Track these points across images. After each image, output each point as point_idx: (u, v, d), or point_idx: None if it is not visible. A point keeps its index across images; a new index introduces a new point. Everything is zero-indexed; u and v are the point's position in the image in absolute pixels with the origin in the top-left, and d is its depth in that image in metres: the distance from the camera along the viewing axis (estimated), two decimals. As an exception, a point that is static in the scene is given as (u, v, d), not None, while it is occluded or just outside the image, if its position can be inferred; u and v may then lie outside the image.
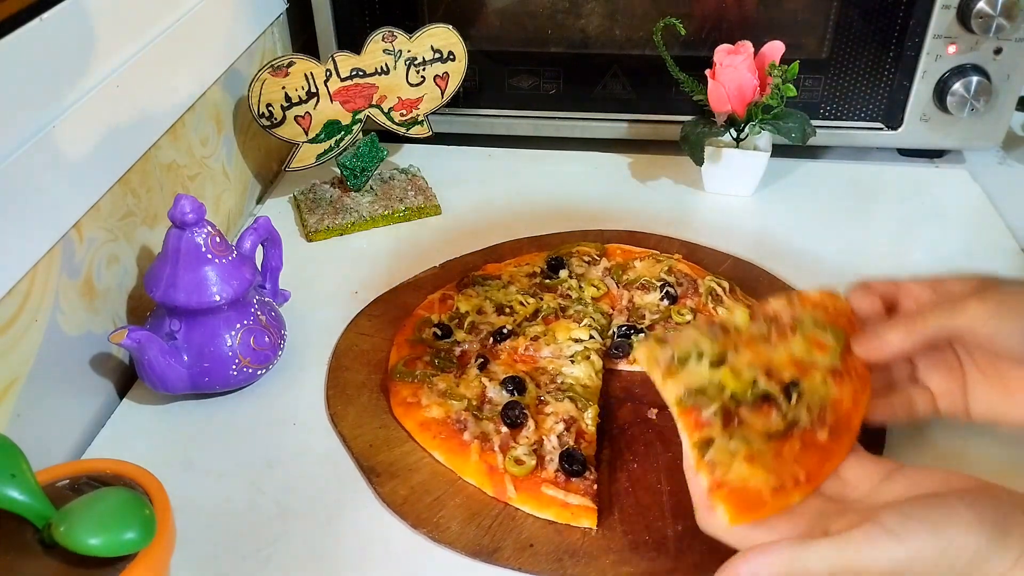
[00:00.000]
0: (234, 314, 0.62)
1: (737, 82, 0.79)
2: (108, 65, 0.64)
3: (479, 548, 0.52)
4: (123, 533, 0.42)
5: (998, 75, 0.84)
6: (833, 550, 0.41)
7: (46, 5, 0.57)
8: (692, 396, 0.48)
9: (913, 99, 0.87)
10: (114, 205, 0.65)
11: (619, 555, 0.52)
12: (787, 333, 0.52)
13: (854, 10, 0.84)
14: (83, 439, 0.62)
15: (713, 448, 0.47)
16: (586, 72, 0.91)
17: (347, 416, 0.62)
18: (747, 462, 0.46)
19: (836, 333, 0.53)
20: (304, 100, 0.80)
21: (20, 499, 0.42)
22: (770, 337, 0.52)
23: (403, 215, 0.85)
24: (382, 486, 0.57)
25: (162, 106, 0.71)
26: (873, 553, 0.40)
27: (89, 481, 0.47)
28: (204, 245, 0.60)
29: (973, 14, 0.80)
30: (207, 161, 0.80)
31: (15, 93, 0.54)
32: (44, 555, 0.43)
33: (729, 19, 0.87)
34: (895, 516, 0.41)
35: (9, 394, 0.55)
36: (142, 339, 0.59)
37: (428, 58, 0.82)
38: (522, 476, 0.55)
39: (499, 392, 0.61)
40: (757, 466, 0.46)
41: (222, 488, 0.58)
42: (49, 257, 0.58)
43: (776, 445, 0.47)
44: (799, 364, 0.51)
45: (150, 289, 0.61)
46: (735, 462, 0.46)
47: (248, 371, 0.63)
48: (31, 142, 0.55)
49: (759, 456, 0.46)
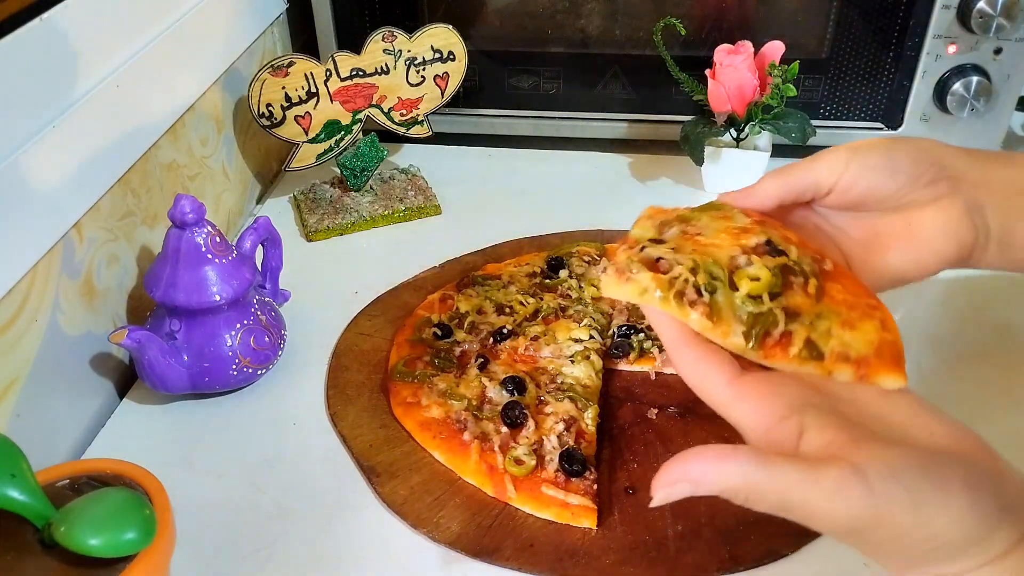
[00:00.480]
0: (234, 314, 0.62)
1: (737, 82, 0.79)
2: (108, 65, 0.64)
3: (479, 548, 0.52)
4: (123, 533, 0.42)
5: (998, 75, 0.84)
6: (795, 482, 0.35)
7: (46, 5, 0.57)
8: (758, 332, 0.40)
9: (913, 99, 0.87)
10: (114, 205, 0.65)
11: (619, 555, 0.52)
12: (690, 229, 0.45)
13: (854, 10, 0.84)
14: (83, 439, 0.62)
15: (825, 341, 0.40)
16: (586, 72, 0.91)
17: (347, 416, 0.62)
18: (847, 328, 0.40)
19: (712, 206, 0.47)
20: (304, 100, 0.80)
21: (20, 499, 0.42)
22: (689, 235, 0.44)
23: (403, 215, 0.85)
24: (382, 486, 0.57)
25: (162, 106, 0.71)
26: (839, 504, 0.35)
27: (89, 481, 0.47)
28: (204, 245, 0.60)
29: (973, 14, 0.80)
30: (207, 161, 0.80)
31: (15, 93, 0.54)
32: (44, 555, 0.43)
33: (729, 19, 0.87)
34: (881, 473, 0.35)
35: (9, 394, 0.55)
36: (142, 339, 0.59)
37: (428, 58, 0.82)
38: (522, 476, 0.55)
39: (499, 392, 0.61)
40: (856, 326, 0.40)
41: (222, 488, 0.58)
42: (49, 257, 0.58)
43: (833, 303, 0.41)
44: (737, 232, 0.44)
45: (150, 289, 0.61)
46: (839, 337, 0.40)
47: (248, 371, 0.63)
48: (31, 142, 0.55)
49: (846, 318, 0.41)
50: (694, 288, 0.40)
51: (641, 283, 0.40)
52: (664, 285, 0.40)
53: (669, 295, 0.40)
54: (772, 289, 0.41)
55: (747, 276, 0.41)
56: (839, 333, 0.40)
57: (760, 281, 0.41)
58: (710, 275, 0.41)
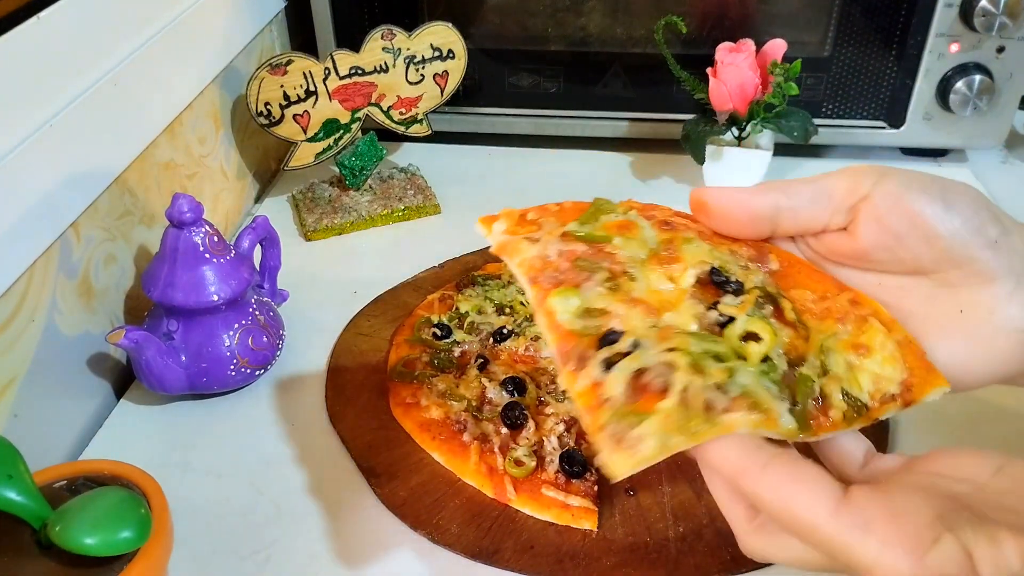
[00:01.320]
0: (232, 314, 0.62)
1: (739, 80, 0.79)
2: (105, 63, 0.63)
3: (479, 550, 0.52)
4: (119, 532, 0.42)
5: (1001, 74, 0.83)
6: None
7: (44, 3, 0.57)
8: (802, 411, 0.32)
9: (916, 98, 0.87)
10: (111, 204, 0.65)
11: (620, 557, 0.51)
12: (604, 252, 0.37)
13: (856, 8, 0.84)
14: (80, 439, 0.62)
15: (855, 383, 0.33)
16: (587, 70, 0.91)
17: (346, 416, 0.62)
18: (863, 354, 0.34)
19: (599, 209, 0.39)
20: (303, 99, 0.80)
21: (17, 500, 0.42)
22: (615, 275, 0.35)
23: (402, 214, 0.85)
24: (381, 487, 0.56)
25: (160, 104, 0.71)
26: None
27: (86, 482, 0.47)
28: (202, 244, 0.60)
29: (976, 12, 0.79)
30: (205, 160, 0.79)
31: (12, 91, 0.54)
32: (41, 555, 0.42)
33: (731, 17, 0.86)
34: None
35: (6, 394, 0.55)
36: (140, 339, 0.59)
37: (427, 56, 0.82)
38: (522, 477, 0.55)
39: (499, 393, 0.61)
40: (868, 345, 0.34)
41: (221, 488, 0.57)
42: (46, 256, 0.57)
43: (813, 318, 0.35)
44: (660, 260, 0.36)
45: (148, 289, 0.61)
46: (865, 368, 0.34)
47: (246, 371, 0.63)
48: (28, 140, 0.55)
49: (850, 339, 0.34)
50: (716, 389, 0.30)
51: (653, 442, 0.29)
52: (680, 421, 0.30)
53: (697, 426, 0.30)
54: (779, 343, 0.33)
55: (737, 337, 0.33)
56: (862, 365, 0.33)
57: (765, 340, 0.32)
58: (714, 357, 0.31)
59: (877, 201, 0.34)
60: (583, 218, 0.37)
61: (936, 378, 0.34)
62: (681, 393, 0.30)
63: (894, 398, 0.33)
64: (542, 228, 0.37)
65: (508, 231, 0.37)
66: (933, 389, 0.34)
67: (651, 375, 0.31)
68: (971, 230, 0.33)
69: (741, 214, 0.35)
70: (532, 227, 0.37)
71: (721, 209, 0.36)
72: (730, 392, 0.30)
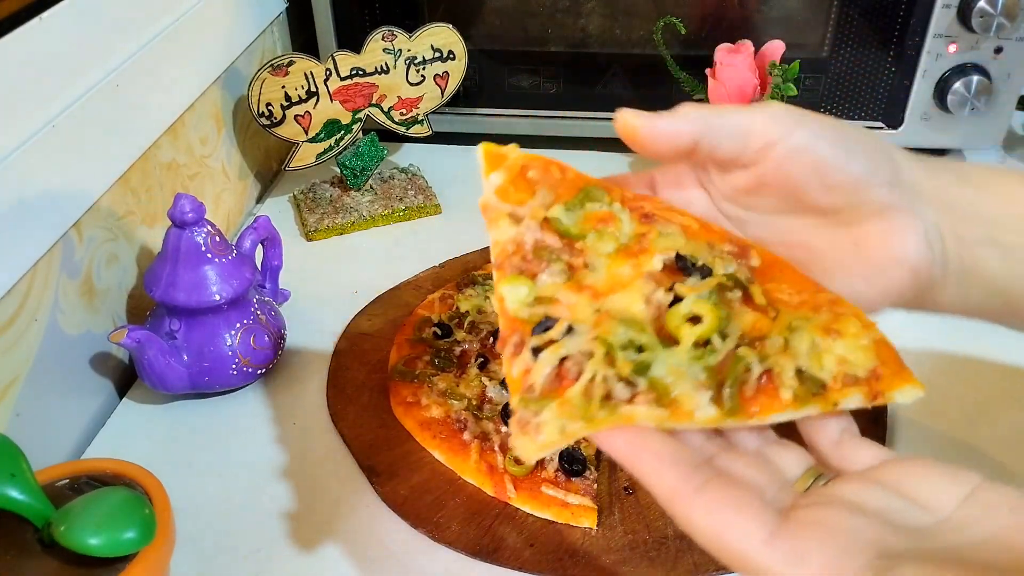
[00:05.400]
0: (234, 313, 0.62)
1: (737, 81, 0.79)
2: (107, 64, 0.64)
3: (479, 548, 0.52)
4: (123, 533, 0.42)
5: (999, 74, 0.84)
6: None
7: (45, 4, 0.57)
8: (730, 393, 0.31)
9: (914, 98, 0.87)
10: (114, 204, 0.65)
11: (619, 555, 0.52)
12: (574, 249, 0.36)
13: (854, 9, 0.84)
14: (83, 439, 0.62)
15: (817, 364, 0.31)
16: (586, 71, 0.91)
17: (347, 416, 0.62)
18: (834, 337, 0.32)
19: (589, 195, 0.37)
20: (304, 99, 0.80)
21: (20, 499, 0.42)
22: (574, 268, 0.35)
23: (403, 214, 0.85)
24: (382, 486, 0.57)
25: (162, 105, 0.71)
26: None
27: (89, 481, 0.47)
28: (204, 244, 0.60)
29: (974, 13, 0.80)
30: (207, 160, 0.79)
31: (15, 92, 0.54)
32: (44, 554, 0.43)
33: (729, 18, 0.87)
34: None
35: (9, 393, 0.55)
36: (142, 338, 0.59)
37: (428, 57, 0.82)
38: (522, 476, 0.55)
39: (499, 392, 0.61)
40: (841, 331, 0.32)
41: (222, 487, 0.58)
42: (49, 256, 0.58)
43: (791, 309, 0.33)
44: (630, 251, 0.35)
45: (150, 288, 0.61)
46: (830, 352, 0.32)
47: (248, 371, 0.63)
48: (31, 141, 0.55)
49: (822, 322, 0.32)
50: (620, 383, 0.30)
51: (553, 425, 0.30)
52: (580, 409, 0.30)
53: (595, 414, 0.30)
54: (721, 326, 0.31)
55: (681, 318, 0.31)
56: (829, 346, 0.31)
57: (705, 322, 0.31)
58: (633, 347, 0.31)
59: (785, 150, 0.35)
60: (570, 203, 0.36)
61: (911, 379, 0.32)
62: (587, 382, 0.30)
63: (858, 382, 0.31)
64: (535, 197, 0.36)
65: (501, 188, 0.37)
66: (906, 386, 0.32)
67: (570, 363, 0.31)
68: (867, 172, 0.35)
69: (664, 142, 0.37)
70: (525, 193, 0.37)
71: (649, 135, 0.37)
72: (637, 384, 0.30)
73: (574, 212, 0.36)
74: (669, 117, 0.36)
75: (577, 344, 0.31)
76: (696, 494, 0.30)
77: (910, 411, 0.61)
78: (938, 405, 0.62)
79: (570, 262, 0.35)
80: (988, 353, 0.66)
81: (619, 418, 0.30)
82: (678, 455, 0.31)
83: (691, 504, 0.30)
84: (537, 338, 0.32)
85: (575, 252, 0.35)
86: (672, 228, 0.35)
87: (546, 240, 0.35)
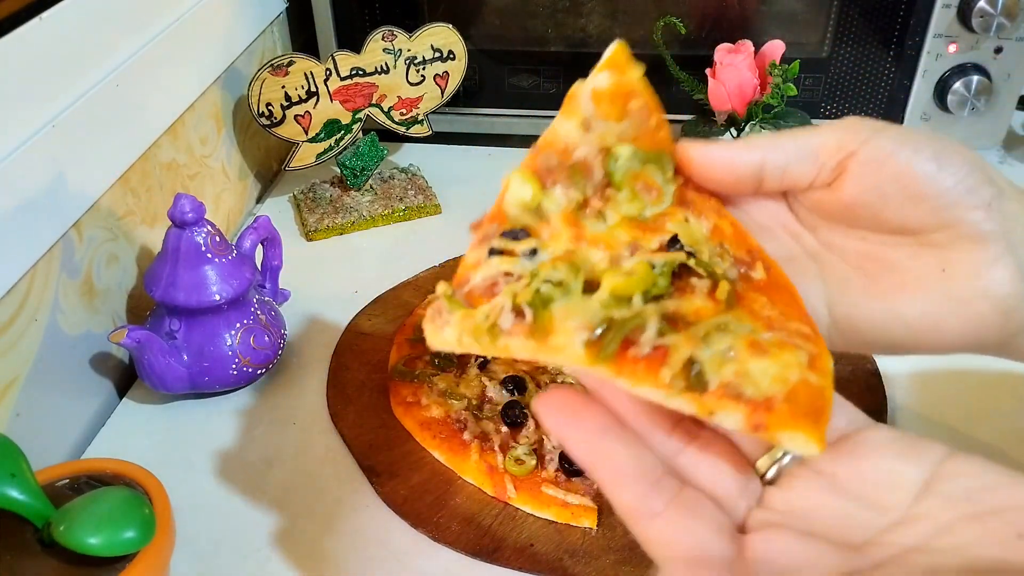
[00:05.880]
0: (234, 313, 0.62)
1: (737, 81, 0.79)
2: (107, 64, 0.64)
3: (479, 548, 0.52)
4: (123, 532, 0.42)
5: (999, 74, 0.84)
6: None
7: (46, 4, 0.57)
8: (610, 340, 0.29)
9: (913, 98, 0.87)
10: (114, 204, 0.65)
11: (619, 555, 0.52)
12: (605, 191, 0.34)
13: (855, 9, 0.84)
14: (83, 438, 0.62)
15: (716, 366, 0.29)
16: (586, 71, 0.89)
17: (347, 416, 0.62)
18: (755, 354, 0.29)
19: (660, 159, 0.34)
20: (304, 99, 0.80)
21: (20, 498, 0.42)
22: (590, 204, 0.34)
23: (403, 214, 0.85)
24: (382, 486, 0.57)
25: (162, 105, 0.71)
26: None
27: (89, 481, 0.47)
28: (204, 244, 0.60)
29: (974, 13, 0.80)
30: (207, 160, 0.79)
31: (15, 92, 0.54)
32: (43, 554, 0.43)
33: (729, 18, 0.87)
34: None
35: (9, 393, 0.55)
36: (142, 338, 0.59)
37: (428, 57, 0.82)
38: (522, 476, 0.55)
39: (499, 391, 0.61)
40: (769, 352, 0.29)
41: (222, 487, 0.58)
42: (49, 256, 0.58)
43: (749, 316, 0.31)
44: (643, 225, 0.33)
45: (150, 288, 0.61)
46: (740, 364, 0.29)
47: (248, 371, 0.63)
48: (31, 141, 0.55)
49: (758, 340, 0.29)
50: (512, 313, 0.29)
51: (454, 331, 0.30)
52: (477, 327, 0.30)
53: (483, 337, 0.30)
54: (649, 289, 0.30)
55: (614, 273, 0.30)
56: (742, 357, 0.28)
57: (631, 277, 0.30)
58: (553, 282, 0.30)
59: (864, 159, 0.32)
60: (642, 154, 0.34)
61: (811, 429, 0.28)
62: (493, 305, 0.30)
63: (742, 401, 0.28)
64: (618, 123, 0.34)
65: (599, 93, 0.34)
66: (797, 433, 0.28)
67: (505, 280, 0.31)
68: (963, 191, 0.32)
69: (724, 170, 0.34)
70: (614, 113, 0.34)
71: (704, 165, 0.34)
72: (526, 318, 0.29)
73: (636, 161, 0.34)
74: (727, 144, 0.34)
75: (522, 267, 0.31)
76: (652, 519, 0.30)
77: (910, 411, 0.61)
78: (938, 405, 0.62)
79: (589, 199, 0.33)
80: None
81: (497, 349, 0.29)
82: (639, 468, 0.30)
83: (647, 528, 0.30)
84: (502, 241, 0.32)
85: (602, 194, 0.33)
86: (701, 222, 0.33)
87: (592, 165, 0.33)
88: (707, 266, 0.31)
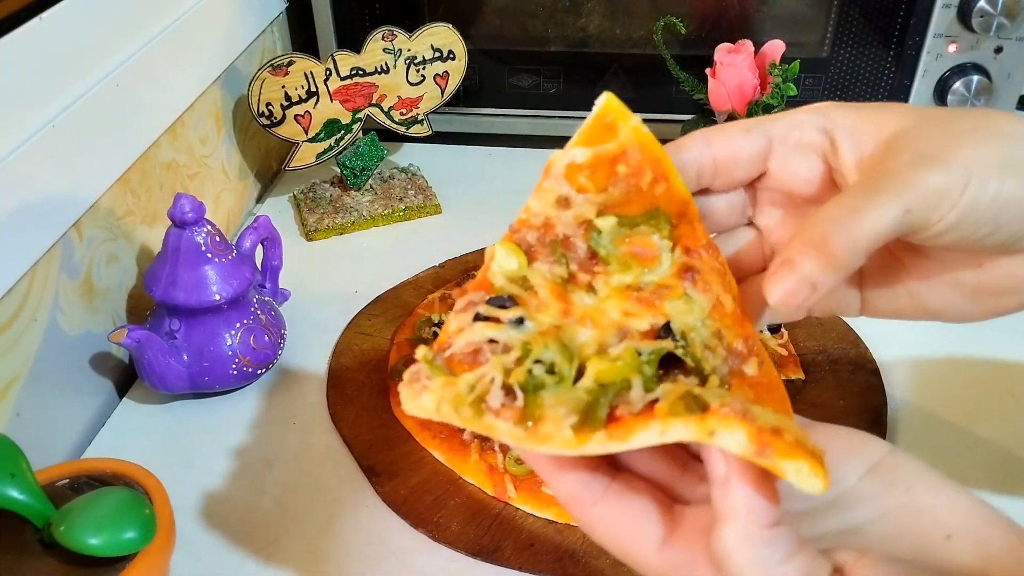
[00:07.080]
0: (234, 313, 0.62)
1: (738, 81, 0.79)
2: (107, 64, 0.64)
3: (479, 548, 0.52)
4: (123, 532, 0.42)
5: (999, 74, 0.84)
6: None
7: (46, 4, 0.57)
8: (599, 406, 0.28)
9: (914, 98, 0.87)
10: (114, 204, 0.65)
11: (619, 555, 0.52)
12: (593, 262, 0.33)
13: (855, 9, 0.84)
14: (83, 438, 0.62)
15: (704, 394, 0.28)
16: (586, 71, 0.91)
17: (347, 415, 0.62)
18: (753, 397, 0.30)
19: (654, 218, 0.33)
20: (304, 99, 0.80)
21: (20, 498, 0.42)
22: (576, 278, 0.32)
23: (403, 214, 0.85)
24: (382, 485, 0.57)
25: (162, 105, 0.71)
26: None
27: (89, 481, 0.47)
28: (204, 244, 0.60)
29: (974, 13, 0.80)
30: (207, 160, 0.79)
31: (15, 92, 0.54)
32: (44, 554, 0.43)
33: (729, 18, 0.87)
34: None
35: (9, 393, 0.55)
36: (142, 338, 0.59)
37: (428, 57, 0.82)
38: (522, 476, 0.55)
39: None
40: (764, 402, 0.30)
41: (222, 488, 0.58)
42: (49, 256, 0.58)
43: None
44: (637, 298, 0.32)
45: (150, 288, 0.61)
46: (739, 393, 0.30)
47: (248, 370, 0.63)
48: (31, 141, 0.55)
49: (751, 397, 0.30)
50: (504, 389, 0.29)
51: (433, 397, 0.29)
52: (459, 398, 0.29)
53: (465, 411, 0.29)
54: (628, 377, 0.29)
55: (600, 360, 0.30)
56: (741, 390, 0.29)
57: (616, 364, 0.29)
58: (545, 363, 0.29)
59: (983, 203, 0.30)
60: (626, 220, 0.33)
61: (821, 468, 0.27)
62: (479, 376, 0.29)
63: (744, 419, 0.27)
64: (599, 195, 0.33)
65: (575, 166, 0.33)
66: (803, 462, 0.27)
67: (490, 347, 0.30)
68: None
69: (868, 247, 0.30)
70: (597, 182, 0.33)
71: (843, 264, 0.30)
72: (516, 400, 0.28)
73: (623, 230, 0.33)
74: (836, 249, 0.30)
75: (508, 336, 0.30)
76: (594, 506, 0.31)
77: (910, 411, 0.61)
78: (938, 404, 0.62)
79: (575, 273, 0.32)
80: (988, 353, 0.66)
81: (482, 427, 0.29)
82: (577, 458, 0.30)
83: (589, 515, 0.31)
84: (488, 308, 0.31)
85: (589, 267, 0.33)
86: (702, 298, 0.32)
87: (574, 240, 0.33)
88: (697, 361, 0.30)
